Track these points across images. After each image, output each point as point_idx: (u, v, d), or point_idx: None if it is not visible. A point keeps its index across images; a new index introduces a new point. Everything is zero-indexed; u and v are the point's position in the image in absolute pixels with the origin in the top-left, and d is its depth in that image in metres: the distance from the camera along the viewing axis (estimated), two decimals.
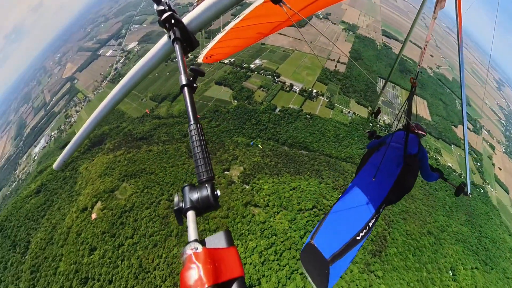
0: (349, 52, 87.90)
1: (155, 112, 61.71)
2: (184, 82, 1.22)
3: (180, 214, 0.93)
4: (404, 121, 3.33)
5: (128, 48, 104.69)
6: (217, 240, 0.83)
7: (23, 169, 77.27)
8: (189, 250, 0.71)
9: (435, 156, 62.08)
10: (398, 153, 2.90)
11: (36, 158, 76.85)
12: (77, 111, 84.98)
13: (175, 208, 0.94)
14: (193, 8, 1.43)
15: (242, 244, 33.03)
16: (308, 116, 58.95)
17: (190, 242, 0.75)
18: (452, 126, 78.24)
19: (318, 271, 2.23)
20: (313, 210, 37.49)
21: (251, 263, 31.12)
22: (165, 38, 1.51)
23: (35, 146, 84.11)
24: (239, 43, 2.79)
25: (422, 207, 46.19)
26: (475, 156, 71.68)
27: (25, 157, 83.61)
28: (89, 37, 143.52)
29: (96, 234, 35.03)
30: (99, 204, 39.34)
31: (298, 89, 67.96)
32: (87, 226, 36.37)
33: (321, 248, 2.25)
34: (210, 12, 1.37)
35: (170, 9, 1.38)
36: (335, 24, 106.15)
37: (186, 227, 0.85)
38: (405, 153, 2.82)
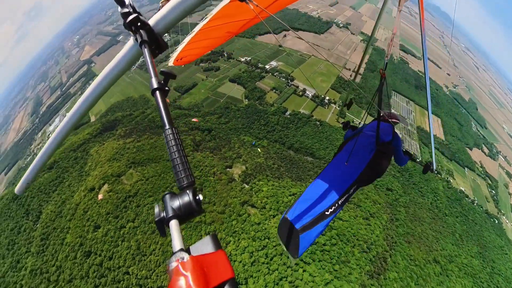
0: (365, 64, 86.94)
1: (177, 102, 62.39)
2: (155, 85, 1.18)
3: (163, 225, 0.89)
4: (386, 112, 3.56)
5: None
6: (203, 246, 0.81)
7: (38, 144, 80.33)
8: (174, 262, 0.69)
9: (447, 178, 59.69)
10: (371, 140, 3.07)
11: (50, 136, 79.65)
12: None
13: (156, 219, 0.90)
14: (159, 10, 1.40)
15: (234, 242, 33.11)
16: (318, 123, 58.44)
17: (176, 252, 0.73)
18: (467, 148, 75.71)
19: (291, 241, 2.56)
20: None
21: (240, 261, 31.25)
22: (131, 42, 1.45)
23: (50, 125, 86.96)
24: (209, 43, 2.83)
25: (429, 232, 43.97)
26: (490, 183, 68.97)
27: (40, 133, 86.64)
28: (109, 22, 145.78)
29: (101, 214, 36.69)
30: (106, 187, 40.65)
31: (310, 95, 67.47)
32: (93, 205, 38.05)
33: (293, 221, 2.58)
34: (176, 13, 1.35)
35: (135, 11, 1.34)
36: (354, 34, 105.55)
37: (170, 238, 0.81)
38: (378, 140, 2.98)
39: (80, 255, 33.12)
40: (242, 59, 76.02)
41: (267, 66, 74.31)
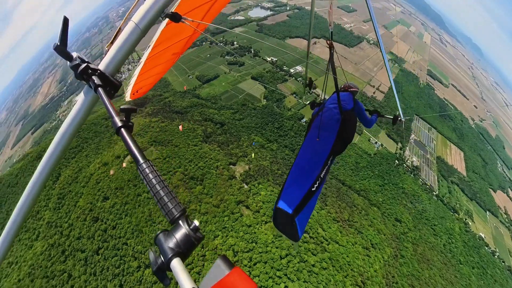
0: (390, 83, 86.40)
1: (197, 91, 63.81)
2: (119, 124, 1.16)
3: (164, 272, 0.80)
4: (345, 84, 3.90)
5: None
6: (216, 272, 0.77)
7: (63, 111, 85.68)
8: None
9: (465, 219, 54.29)
10: (336, 111, 3.19)
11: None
12: (129, 70, 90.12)
13: (154, 268, 0.80)
14: (105, 53, 1.48)
15: (222, 237, 33.30)
16: None
17: None
18: (490, 190, 70.06)
19: (288, 227, 2.67)
20: (304, 235, 33.52)
21: None
22: (86, 90, 1.49)
23: (77, 94, 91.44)
24: (159, 69, 2.92)
25: (438, 279, 38.39)
26: None
27: (66, 101, 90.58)
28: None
29: (111, 187, 39.22)
30: (129, 157, 43.37)
31: None
32: (105, 179, 40.76)
33: (285, 208, 2.65)
34: (122, 52, 1.43)
35: (83, 61, 1.38)
36: None
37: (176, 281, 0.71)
38: (340, 109, 3.14)
39: (89, 219, 36.13)
40: (268, 59, 76.51)
41: (291, 70, 74.30)
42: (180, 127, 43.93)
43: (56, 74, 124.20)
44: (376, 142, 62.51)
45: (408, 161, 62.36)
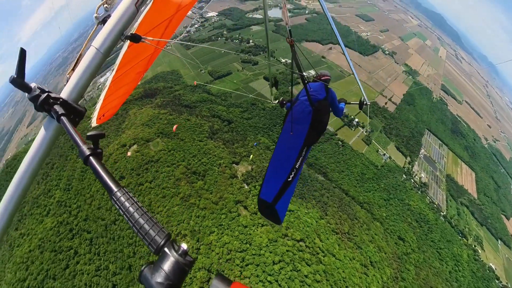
0: (403, 95, 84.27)
1: (207, 87, 63.33)
2: (86, 153, 1.08)
3: None
4: (316, 75, 3.80)
5: (206, 16, 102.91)
6: None
7: (89, 92, 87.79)
8: None
9: (474, 246, 49.63)
10: (307, 103, 3.22)
11: (100, 87, 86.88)
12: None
13: None
14: (67, 81, 1.43)
15: (217, 233, 33.09)
16: (340, 143, 56.49)
17: None
18: (503, 216, 64.79)
19: (270, 213, 3.00)
20: (299, 243, 32.67)
21: (218, 253, 31.26)
22: (48, 121, 1.41)
23: (101, 77, 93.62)
24: (125, 90, 2.96)
25: None
26: None
27: (92, 81, 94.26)
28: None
29: (127, 168, 41.36)
30: (135, 147, 45.05)
31: None
32: (122, 159, 42.86)
33: (265, 198, 2.97)
34: (85, 78, 1.41)
35: (43, 91, 1.31)
36: (397, 63, 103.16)
37: None
38: (311, 101, 3.16)
39: (107, 195, 38.91)
40: (283, 60, 75.28)
41: (305, 74, 72.78)
42: (174, 127, 43.84)
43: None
44: (384, 154, 59.98)
45: (416, 176, 59.39)
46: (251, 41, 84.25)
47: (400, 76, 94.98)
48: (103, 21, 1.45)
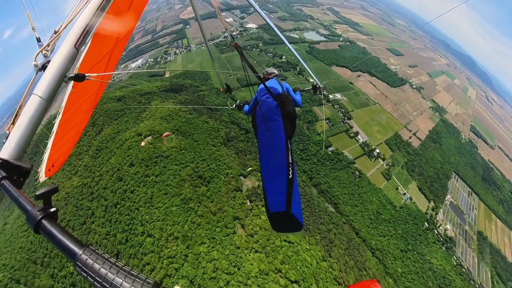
0: (429, 131, 76.55)
1: (233, 92, 62.35)
2: (38, 217, 0.85)
3: None
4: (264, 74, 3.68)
5: (246, 26, 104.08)
6: None
7: (119, 75, 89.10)
8: None
9: None
10: (270, 99, 3.09)
11: (130, 72, 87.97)
12: (175, 53, 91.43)
13: None
14: (7, 137, 1.25)
15: (208, 246, 29.77)
16: (357, 173, 50.34)
17: None
18: None
19: (289, 223, 2.54)
20: (293, 285, 27.00)
21: (204, 267, 27.78)
22: None
23: (133, 62, 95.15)
24: (74, 132, 2.58)
25: None
26: None
27: (122, 66, 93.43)
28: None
29: (138, 157, 39.53)
30: (149, 138, 42.61)
31: (361, 140, 59.60)
32: (135, 147, 41.19)
33: (277, 209, 2.55)
34: (29, 130, 1.24)
35: None
36: (424, 99, 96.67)
37: None
38: (273, 96, 3.05)
39: (115, 177, 37.74)
40: (311, 80, 71.81)
41: (330, 96, 68.94)
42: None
43: None
44: (404, 194, 52.01)
45: (440, 227, 49.47)
46: (284, 57, 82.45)
47: (427, 112, 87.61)
48: (43, 68, 1.36)
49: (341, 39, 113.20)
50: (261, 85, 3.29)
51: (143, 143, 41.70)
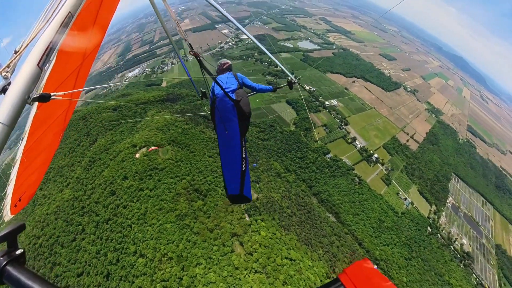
0: (426, 133, 75.48)
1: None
2: (2, 263, 0.71)
3: None
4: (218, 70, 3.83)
5: (242, 37, 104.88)
6: None
7: (116, 82, 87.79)
8: None
9: None
10: (227, 99, 3.18)
11: (126, 81, 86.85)
12: (172, 63, 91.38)
13: None
14: None
15: (204, 267, 27.22)
16: (357, 179, 48.48)
17: None
18: None
19: (242, 199, 3.16)
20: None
21: None
22: None
23: (130, 71, 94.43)
24: (43, 158, 2.39)
25: None
26: None
27: (120, 75, 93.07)
28: (215, 9, 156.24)
29: (132, 170, 37.50)
30: (144, 149, 40.78)
31: (359, 145, 58.27)
32: (129, 159, 39.22)
33: (234, 192, 3.12)
34: None
35: None
36: (419, 101, 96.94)
37: None
38: (229, 97, 3.16)
39: (108, 190, 35.60)
40: (307, 87, 71.41)
41: (326, 102, 68.21)
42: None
43: (118, 48, 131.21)
44: (405, 199, 50.25)
45: (456, 242, 45.28)
46: (288, 70, 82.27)
47: (423, 114, 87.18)
48: (3, 90, 1.26)
49: (334, 47, 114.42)
50: (217, 77, 3.41)
51: (137, 155, 39.90)
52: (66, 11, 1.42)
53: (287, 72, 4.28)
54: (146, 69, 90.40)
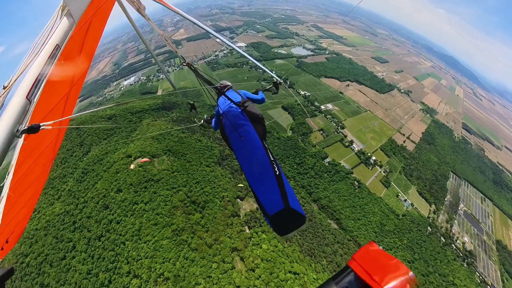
0: (422, 133, 75.66)
1: (199, 110, 60.02)
2: None
3: None
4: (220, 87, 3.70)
5: (236, 45, 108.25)
6: None
7: (111, 91, 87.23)
8: None
9: None
10: (234, 107, 3.09)
11: (122, 89, 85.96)
12: (168, 72, 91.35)
13: None
14: None
15: (204, 286, 25.53)
16: (356, 183, 47.58)
17: None
18: None
19: (291, 218, 2.28)
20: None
21: None
22: None
23: (125, 80, 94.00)
24: (31, 192, 2.28)
25: None
26: None
27: (115, 83, 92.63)
28: (210, 19, 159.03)
29: (126, 182, 35.84)
30: (139, 160, 39.29)
31: (356, 149, 57.67)
32: (124, 171, 37.58)
33: (276, 209, 2.27)
34: None
35: None
36: (414, 102, 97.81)
37: None
38: (236, 104, 3.06)
39: (101, 204, 33.84)
40: (302, 92, 71.35)
41: (322, 107, 68.04)
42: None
43: (114, 57, 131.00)
44: (405, 200, 49.39)
45: (457, 241, 44.84)
46: (273, 72, 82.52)
47: (418, 114, 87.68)
48: None
49: (327, 52, 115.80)
50: (220, 98, 3.40)
51: (132, 166, 38.36)
52: (53, 44, 1.43)
53: (270, 73, 4.05)
54: (142, 78, 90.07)
